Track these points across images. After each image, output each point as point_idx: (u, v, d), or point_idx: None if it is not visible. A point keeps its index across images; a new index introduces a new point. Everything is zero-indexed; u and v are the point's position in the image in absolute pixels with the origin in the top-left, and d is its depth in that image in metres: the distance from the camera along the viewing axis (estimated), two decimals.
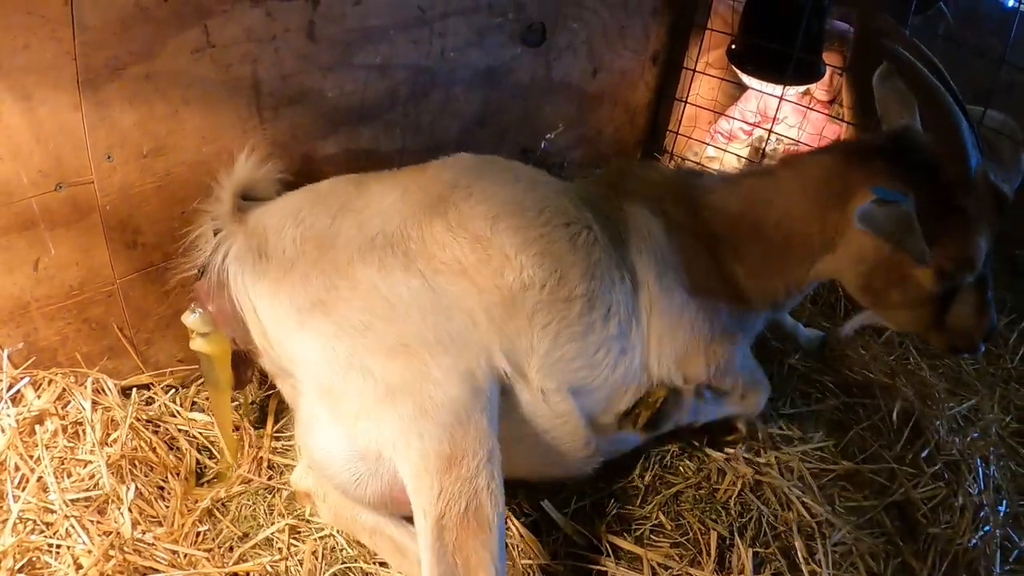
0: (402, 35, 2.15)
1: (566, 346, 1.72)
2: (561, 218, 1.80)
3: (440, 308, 1.59)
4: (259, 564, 1.74)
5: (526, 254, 1.71)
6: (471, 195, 1.76)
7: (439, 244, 1.67)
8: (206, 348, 1.80)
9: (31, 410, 1.79)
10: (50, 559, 1.60)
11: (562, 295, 1.72)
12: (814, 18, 2.68)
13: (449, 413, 1.43)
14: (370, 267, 1.60)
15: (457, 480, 1.38)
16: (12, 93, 1.55)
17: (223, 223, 1.72)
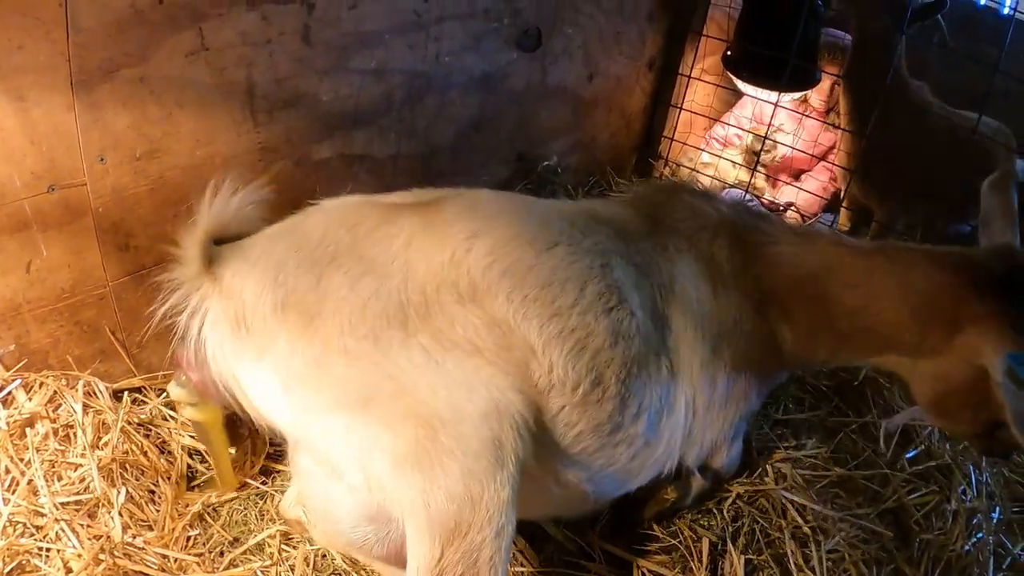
0: (398, 39, 2.15)
1: (587, 442, 1.58)
2: (603, 302, 1.57)
3: (452, 385, 1.39)
4: (250, 569, 1.73)
5: (558, 351, 1.49)
6: (492, 264, 1.48)
7: (447, 318, 1.43)
8: (197, 416, 1.72)
9: (22, 412, 1.78)
10: (40, 563, 1.59)
11: (594, 398, 1.54)
12: (809, 25, 2.69)
13: (460, 485, 1.32)
14: (363, 341, 1.39)
15: (459, 551, 1.31)
16: (6, 94, 1.55)
17: (195, 285, 1.47)
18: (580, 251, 1.61)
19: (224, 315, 1.45)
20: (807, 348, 1.86)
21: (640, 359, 1.62)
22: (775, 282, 1.81)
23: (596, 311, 1.55)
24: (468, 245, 1.49)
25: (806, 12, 2.65)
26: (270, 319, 1.42)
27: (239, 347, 1.44)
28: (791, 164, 3.29)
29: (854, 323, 1.75)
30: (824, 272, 1.77)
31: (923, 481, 2.15)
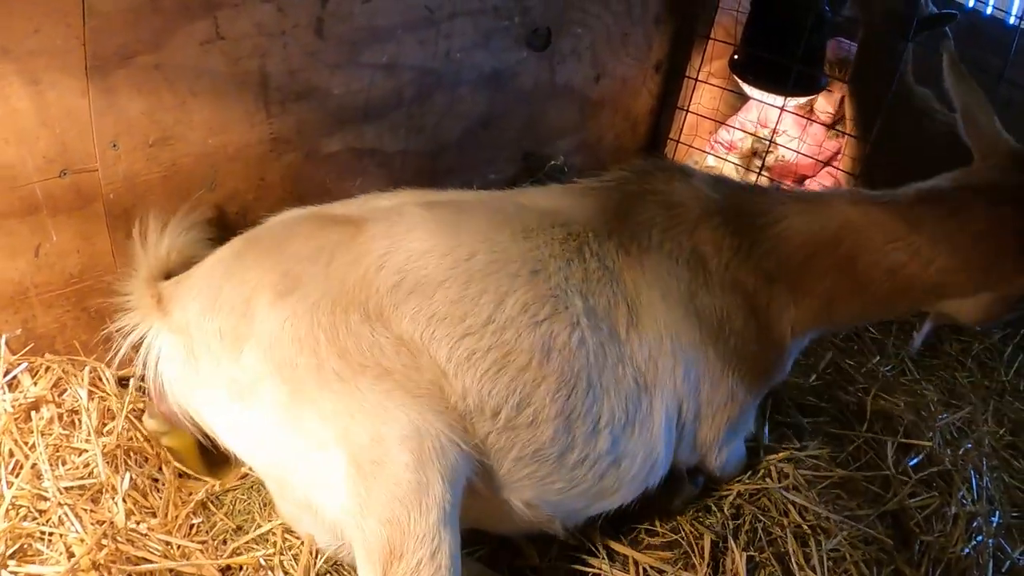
0: (409, 35, 2.16)
1: (533, 467, 1.49)
2: (529, 315, 1.46)
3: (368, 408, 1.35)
4: (253, 558, 1.73)
5: (471, 374, 1.40)
6: (400, 282, 1.42)
7: (354, 339, 1.38)
8: (172, 443, 1.81)
9: (27, 396, 1.78)
10: (42, 546, 1.59)
11: (523, 421, 1.44)
12: (815, 31, 2.71)
13: (388, 511, 1.31)
14: (285, 368, 1.38)
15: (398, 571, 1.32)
16: (21, 76, 1.55)
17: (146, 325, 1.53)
18: (503, 259, 1.50)
19: (175, 348, 1.51)
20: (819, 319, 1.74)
21: (589, 373, 1.49)
22: (785, 258, 1.67)
23: (518, 326, 1.44)
24: (380, 263, 1.44)
25: (813, 18, 2.68)
26: (213, 348, 1.44)
27: (190, 376, 1.50)
28: (795, 169, 3.31)
29: (896, 282, 1.60)
30: (848, 234, 1.62)
31: (924, 486, 2.16)
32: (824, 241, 1.64)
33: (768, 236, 1.68)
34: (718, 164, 3.31)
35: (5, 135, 1.59)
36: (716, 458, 1.85)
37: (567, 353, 1.47)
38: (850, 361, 2.61)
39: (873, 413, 2.37)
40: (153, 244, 1.60)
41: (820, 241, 1.65)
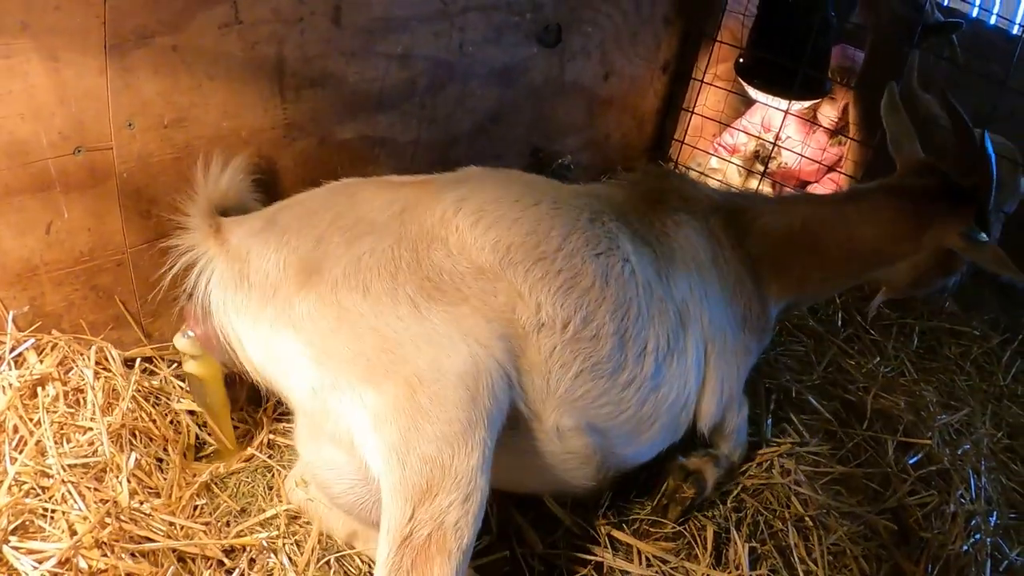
0: (424, 27, 2.18)
1: (589, 384, 1.61)
2: (591, 248, 1.66)
3: (437, 337, 1.44)
4: (256, 540, 1.73)
5: (544, 292, 1.55)
6: (480, 218, 1.58)
7: (436, 269, 1.51)
8: (198, 371, 1.76)
9: (33, 373, 1.77)
10: (44, 523, 1.58)
11: (587, 334, 1.59)
12: (821, 35, 2.74)
13: (433, 447, 1.36)
14: (355, 293, 1.47)
15: (428, 511, 1.35)
16: (39, 53, 1.56)
17: (201, 248, 1.59)
18: (564, 207, 1.72)
19: (229, 273, 1.56)
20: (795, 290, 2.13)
21: (639, 302, 1.68)
22: (769, 247, 2.05)
23: (583, 255, 1.64)
24: (457, 207, 1.60)
25: (818, 22, 2.71)
26: (272, 276, 1.52)
27: (241, 302, 1.55)
28: (797, 174, 3.34)
29: (843, 254, 2.07)
30: (811, 222, 2.07)
31: (923, 484, 2.18)
32: (794, 231, 2.07)
33: (754, 229, 2.06)
34: (721, 166, 3.34)
35: (21, 111, 1.59)
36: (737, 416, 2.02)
37: (621, 282, 1.67)
38: (851, 361, 2.64)
39: (873, 412, 2.40)
40: (214, 178, 1.67)
41: (791, 231, 2.07)
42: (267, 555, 1.71)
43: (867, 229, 2.06)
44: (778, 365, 2.56)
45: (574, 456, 1.67)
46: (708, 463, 2.00)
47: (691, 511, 1.96)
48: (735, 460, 2.09)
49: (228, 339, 1.61)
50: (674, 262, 1.85)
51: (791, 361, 2.59)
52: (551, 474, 1.70)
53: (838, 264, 2.10)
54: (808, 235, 2.06)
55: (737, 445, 2.08)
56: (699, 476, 1.96)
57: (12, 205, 1.68)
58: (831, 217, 2.09)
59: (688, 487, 1.94)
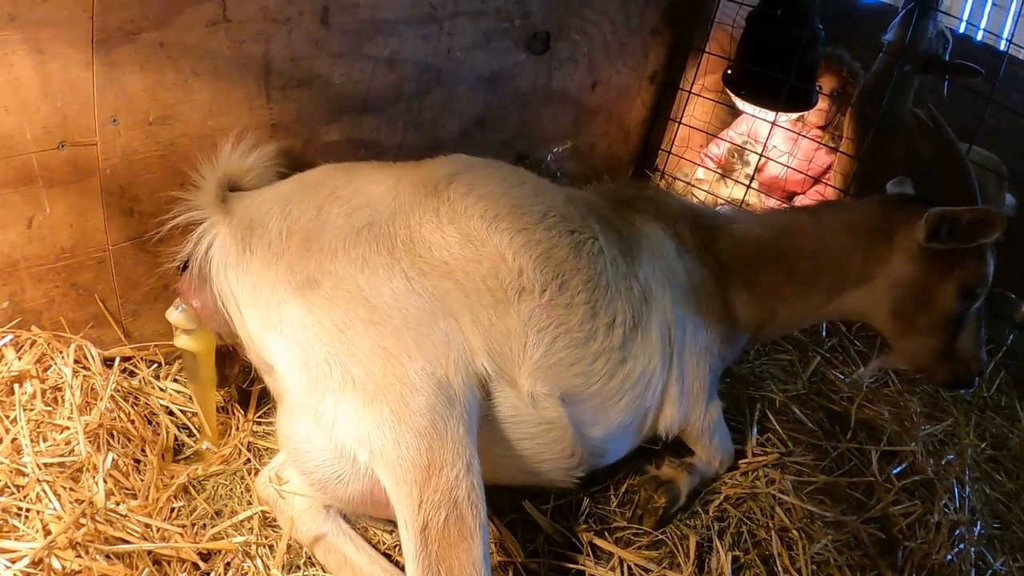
0: (412, 30, 2.19)
1: (563, 352, 1.68)
2: (566, 224, 1.77)
3: (423, 312, 1.52)
4: (232, 544, 1.70)
5: (526, 258, 1.65)
6: (470, 191, 1.69)
7: (427, 244, 1.61)
8: (190, 345, 1.76)
9: (11, 370, 1.75)
10: (18, 523, 1.55)
11: (562, 301, 1.68)
12: (808, 48, 2.78)
13: (427, 421, 1.40)
14: (353, 264, 1.54)
15: (436, 491, 1.35)
16: (26, 45, 1.55)
17: (206, 213, 1.65)
18: (545, 189, 1.85)
19: (231, 240, 1.61)
20: (768, 308, 2.11)
21: (607, 276, 1.78)
22: (738, 254, 2.08)
23: (560, 229, 1.75)
24: (449, 179, 1.71)
25: (807, 35, 2.74)
26: (274, 244, 1.58)
27: (242, 269, 1.59)
28: (783, 185, 3.36)
29: (814, 264, 2.06)
30: (783, 234, 2.09)
31: (907, 494, 2.18)
32: (765, 240, 2.09)
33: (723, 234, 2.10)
34: (707, 177, 3.36)
35: (5, 103, 1.58)
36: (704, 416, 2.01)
37: (591, 257, 1.77)
38: (835, 372, 2.64)
39: (857, 422, 2.40)
40: (239, 156, 1.73)
41: (762, 240, 2.10)
42: (242, 559, 1.69)
43: (834, 238, 2.05)
44: (763, 375, 2.56)
45: (549, 427, 1.70)
46: (681, 472, 2.01)
47: (668, 519, 1.96)
48: (716, 466, 2.08)
49: (226, 305, 1.64)
50: (640, 249, 1.93)
51: (776, 370, 2.60)
52: (528, 451, 1.71)
53: (808, 279, 2.07)
54: (778, 244, 2.08)
55: (716, 450, 2.07)
56: (671, 485, 1.97)
57: None
58: (802, 226, 2.10)
59: (660, 496, 1.94)
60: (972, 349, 2.04)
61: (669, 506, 1.94)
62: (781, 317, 2.14)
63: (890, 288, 2.02)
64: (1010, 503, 2.32)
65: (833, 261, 2.05)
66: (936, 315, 2.00)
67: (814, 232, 2.07)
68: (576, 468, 1.80)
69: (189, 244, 1.65)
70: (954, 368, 2.06)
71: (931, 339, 2.03)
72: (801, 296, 2.09)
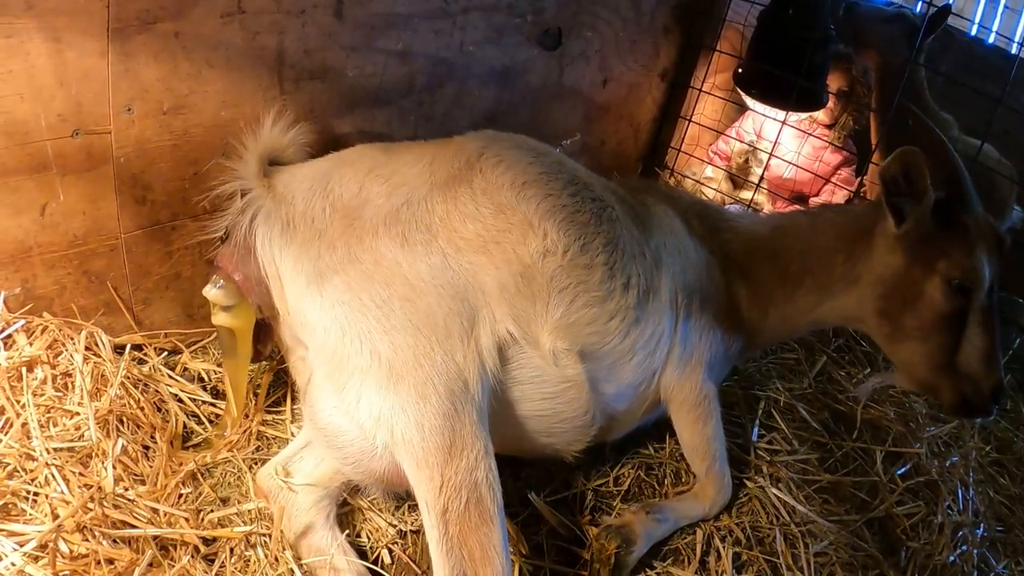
0: (424, 24, 2.20)
1: (583, 310, 1.75)
2: (588, 192, 1.85)
3: (456, 289, 1.59)
4: (237, 532, 1.71)
5: (551, 221, 1.72)
6: (500, 161, 1.76)
7: (462, 217, 1.67)
8: (230, 322, 1.75)
9: (22, 355, 1.77)
10: (26, 506, 1.57)
11: (583, 261, 1.75)
12: (819, 49, 2.77)
13: (448, 402, 1.44)
14: (394, 241, 1.60)
15: (457, 473, 1.39)
16: (42, 33, 1.56)
17: (250, 184, 1.69)
18: (568, 164, 1.92)
19: (276, 214, 1.65)
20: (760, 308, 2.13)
21: (624, 242, 1.86)
22: (738, 248, 2.14)
23: (583, 196, 1.82)
24: (479, 152, 1.78)
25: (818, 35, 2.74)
26: (317, 220, 1.63)
27: (286, 240, 1.64)
28: (792, 186, 3.36)
29: (802, 262, 2.08)
30: (777, 233, 2.14)
31: (911, 494, 2.18)
32: (760, 236, 2.15)
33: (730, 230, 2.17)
34: (716, 175, 3.36)
35: (21, 91, 1.60)
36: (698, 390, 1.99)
37: (611, 222, 1.85)
38: (841, 372, 2.64)
39: (863, 422, 2.40)
40: (280, 132, 1.75)
41: (758, 236, 2.15)
42: (246, 547, 1.70)
43: (822, 238, 2.06)
44: (768, 373, 2.56)
45: (568, 385, 1.76)
46: (638, 514, 1.85)
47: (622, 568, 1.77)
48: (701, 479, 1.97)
49: (269, 277, 1.68)
50: (651, 224, 2.02)
51: (782, 369, 2.60)
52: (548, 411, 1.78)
53: (796, 279, 2.07)
54: (772, 242, 2.12)
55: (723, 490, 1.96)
56: (625, 529, 1.81)
57: (8, 185, 1.67)
58: (797, 226, 2.13)
59: (609, 542, 1.77)
60: (980, 364, 1.86)
61: (622, 552, 1.77)
62: (771, 319, 2.13)
63: (873, 285, 1.97)
64: (1013, 506, 2.32)
65: (818, 261, 2.04)
66: (925, 315, 1.88)
67: (806, 232, 2.09)
68: (590, 428, 1.86)
69: (234, 213, 1.68)
70: (959, 384, 1.88)
71: (924, 345, 1.90)
72: (789, 297, 2.09)
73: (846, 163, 3.31)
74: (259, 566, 1.66)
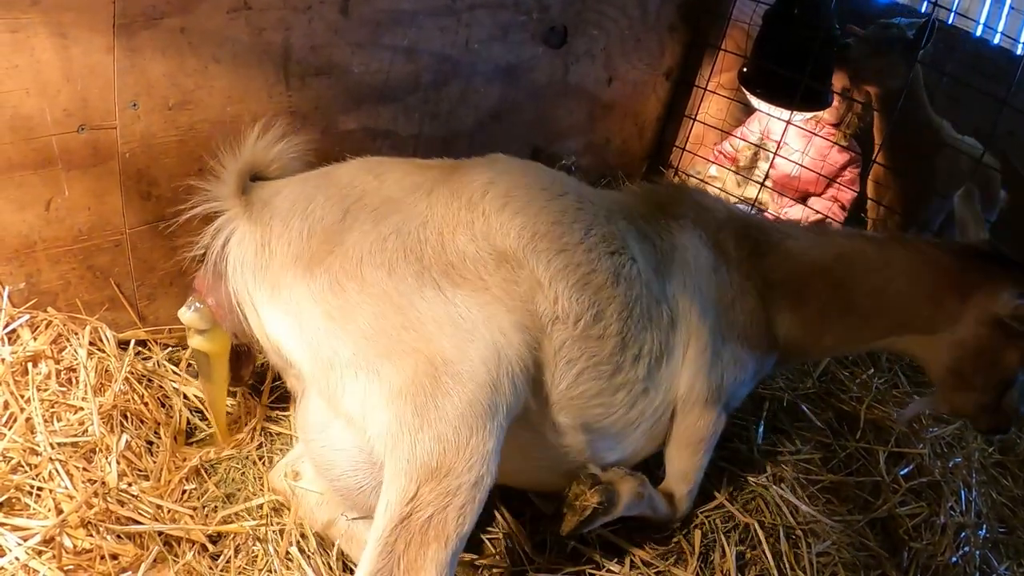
0: (430, 21, 2.19)
1: (589, 383, 1.63)
2: (606, 245, 1.67)
3: (461, 320, 1.45)
4: (242, 528, 1.72)
5: (563, 284, 1.57)
6: (506, 205, 1.58)
7: (459, 254, 1.52)
8: (204, 346, 1.69)
9: (26, 350, 1.77)
10: (30, 500, 1.57)
11: (595, 332, 1.61)
12: (824, 48, 2.77)
13: (450, 427, 1.35)
14: (379, 270, 1.46)
15: (432, 492, 1.32)
16: (48, 28, 1.56)
17: (225, 205, 1.54)
18: (586, 203, 1.73)
19: (250, 237, 1.52)
20: (812, 333, 1.98)
21: (641, 303, 1.70)
22: (789, 274, 1.94)
23: (600, 251, 1.65)
24: (484, 190, 1.60)
25: (822, 35, 2.74)
26: (294, 245, 1.49)
27: (260, 267, 1.51)
28: (797, 185, 3.35)
29: (873, 302, 1.92)
30: (842, 262, 1.94)
31: (913, 495, 2.18)
32: (824, 262, 1.94)
33: (776, 250, 1.96)
34: (720, 174, 3.36)
35: (27, 86, 1.60)
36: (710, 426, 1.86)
37: (629, 281, 1.69)
38: (845, 372, 2.64)
39: (866, 422, 2.40)
40: (264, 146, 1.61)
41: (821, 262, 1.95)
42: (252, 543, 1.70)
43: (905, 280, 1.89)
44: (773, 373, 2.56)
45: (565, 450, 1.67)
46: (628, 479, 1.74)
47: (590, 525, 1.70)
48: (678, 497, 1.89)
49: (241, 305, 1.56)
50: (672, 259, 1.85)
51: (786, 370, 2.59)
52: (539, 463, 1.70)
53: (865, 314, 1.93)
54: (839, 271, 1.93)
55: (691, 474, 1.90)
56: (610, 488, 1.69)
57: (13, 180, 1.67)
58: (869, 257, 1.93)
59: (592, 494, 1.66)
60: (1018, 402, 1.95)
61: (600, 510, 1.67)
62: (825, 344, 2.02)
63: (954, 347, 1.89)
64: (1016, 508, 2.32)
65: (896, 305, 1.90)
66: (994, 377, 1.90)
67: (878, 268, 1.91)
68: None
69: (206, 237, 1.56)
70: (997, 420, 1.97)
71: (982, 396, 1.93)
72: (854, 328, 1.97)
73: (851, 163, 3.30)
74: (266, 562, 1.65)
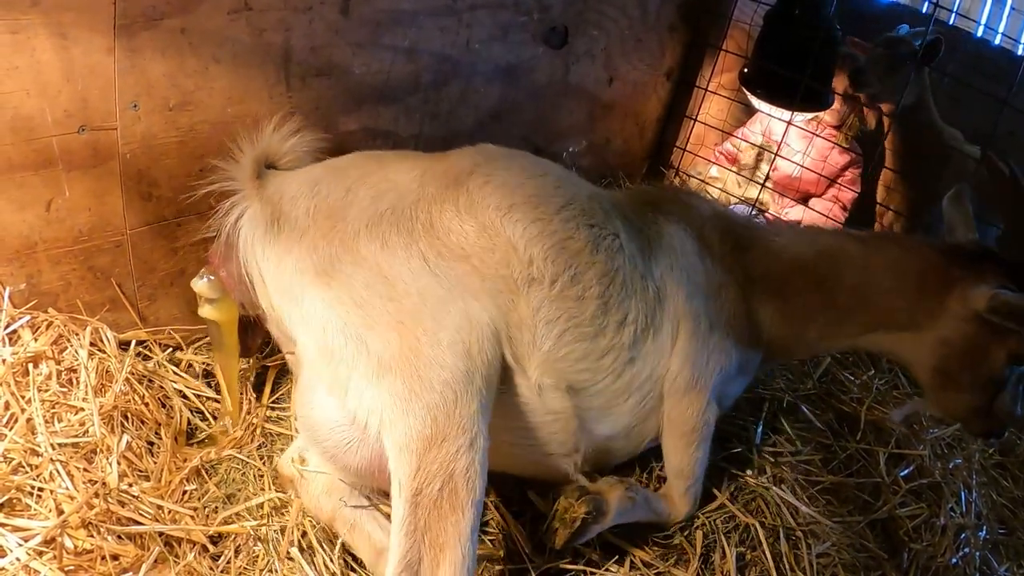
0: (431, 21, 2.19)
1: (572, 345, 1.70)
2: (586, 218, 1.77)
3: (440, 291, 1.57)
4: (243, 528, 1.72)
5: (537, 248, 1.68)
6: (487, 182, 1.73)
7: (445, 229, 1.66)
8: (214, 315, 1.80)
9: (27, 351, 1.77)
10: (31, 501, 1.57)
11: (573, 294, 1.69)
12: (825, 49, 2.76)
13: (437, 394, 1.44)
14: (374, 243, 1.60)
15: (435, 462, 1.38)
16: (48, 29, 1.56)
17: (240, 185, 1.70)
18: (567, 184, 1.85)
19: (261, 214, 1.67)
20: (795, 329, 2.02)
21: (624, 273, 1.78)
22: (771, 268, 1.99)
23: (578, 223, 1.75)
24: (470, 170, 1.75)
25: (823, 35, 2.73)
26: (300, 221, 1.64)
27: (269, 240, 1.65)
28: (798, 186, 3.35)
29: (855, 297, 1.94)
30: (825, 258, 1.97)
31: (913, 496, 2.18)
32: (805, 259, 1.98)
33: (758, 246, 2.02)
34: (721, 175, 3.36)
35: (27, 86, 1.60)
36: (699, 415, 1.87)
37: (610, 252, 1.78)
38: (846, 372, 2.64)
39: (866, 423, 2.40)
40: (280, 138, 1.76)
41: (802, 259, 1.98)
42: (252, 543, 1.71)
43: (882, 277, 1.91)
44: (772, 374, 2.56)
45: (554, 418, 1.71)
46: (615, 486, 1.76)
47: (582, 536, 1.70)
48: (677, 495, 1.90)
49: (250, 276, 1.70)
50: (660, 245, 1.92)
51: (786, 370, 2.59)
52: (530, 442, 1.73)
53: (845, 311, 1.95)
54: (818, 268, 1.95)
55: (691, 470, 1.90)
56: (600, 498, 1.71)
57: (14, 180, 1.68)
58: (848, 254, 1.95)
59: (580, 505, 1.67)
60: (1010, 405, 1.91)
61: (589, 520, 1.67)
62: (807, 339, 2.03)
63: (937, 344, 1.89)
64: (1016, 509, 2.31)
65: (876, 301, 1.92)
66: (981, 376, 1.88)
67: (860, 264, 1.94)
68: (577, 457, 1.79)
69: (221, 213, 1.69)
70: (989, 423, 1.95)
71: (971, 396, 1.91)
72: (834, 323, 1.98)
73: (852, 164, 3.30)
74: (267, 562, 1.66)
